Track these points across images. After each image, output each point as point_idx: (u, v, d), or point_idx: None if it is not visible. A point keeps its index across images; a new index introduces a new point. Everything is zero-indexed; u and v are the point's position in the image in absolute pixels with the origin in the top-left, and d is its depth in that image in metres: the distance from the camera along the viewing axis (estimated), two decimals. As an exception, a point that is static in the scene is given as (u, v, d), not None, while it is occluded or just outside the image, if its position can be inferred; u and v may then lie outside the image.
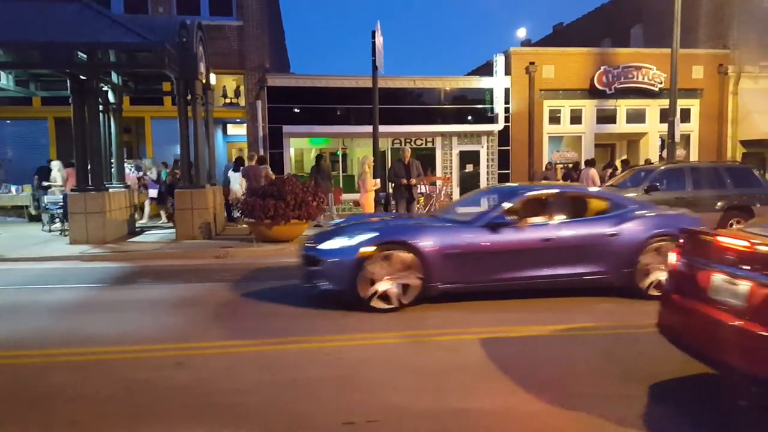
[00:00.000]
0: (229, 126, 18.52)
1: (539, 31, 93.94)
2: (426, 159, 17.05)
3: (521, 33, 28.86)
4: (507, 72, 17.82)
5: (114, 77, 12.48)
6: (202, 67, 12.09)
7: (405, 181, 11.50)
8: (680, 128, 15.38)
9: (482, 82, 18.01)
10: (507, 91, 17.79)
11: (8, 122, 16.27)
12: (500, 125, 17.78)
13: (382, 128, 13.47)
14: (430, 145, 18.10)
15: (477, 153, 18.23)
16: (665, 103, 15.91)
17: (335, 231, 6.63)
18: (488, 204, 7.08)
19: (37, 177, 14.18)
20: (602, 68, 18.00)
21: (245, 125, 16.78)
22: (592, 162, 16.73)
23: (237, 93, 16.75)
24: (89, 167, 10.93)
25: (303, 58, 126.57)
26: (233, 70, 16.36)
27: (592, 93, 18.20)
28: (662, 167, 12.07)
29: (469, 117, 17.92)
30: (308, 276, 6.28)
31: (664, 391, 3.89)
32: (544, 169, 17.53)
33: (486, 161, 18.23)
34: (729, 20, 18.69)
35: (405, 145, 17.13)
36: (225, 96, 16.65)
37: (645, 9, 22.17)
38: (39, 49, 10.11)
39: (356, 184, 13.87)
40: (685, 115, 18.21)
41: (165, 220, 14.40)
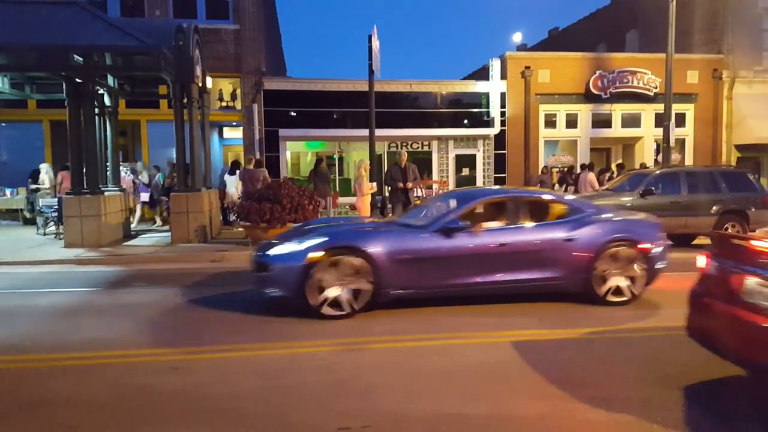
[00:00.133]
0: (226, 129, 18.52)
1: (535, 36, 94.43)
2: (422, 163, 17.07)
3: (517, 37, 29.16)
4: (503, 76, 17.88)
5: (110, 80, 12.47)
6: (199, 71, 12.08)
7: (401, 185, 11.53)
8: (675, 132, 15.45)
9: (478, 86, 18.07)
10: (503, 96, 17.85)
11: (3, 125, 16.22)
12: (496, 129, 17.83)
13: (379, 132, 13.47)
14: (427, 149, 18.13)
15: (473, 157, 18.27)
16: (660, 108, 15.99)
17: (287, 236, 6.47)
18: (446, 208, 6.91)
19: (31, 180, 14.14)
20: (597, 73, 18.08)
21: (241, 128, 16.77)
22: (591, 166, 16.80)
23: (233, 96, 16.75)
24: (84, 170, 10.90)
25: (300, 62, 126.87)
26: (230, 74, 16.36)
27: (588, 97, 18.28)
28: (658, 171, 12.13)
29: (466, 121, 17.97)
30: (258, 282, 6.10)
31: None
32: (540, 173, 17.60)
33: (482, 165, 18.27)
34: (723, 25, 18.81)
35: (401, 149, 17.10)
36: (221, 99, 16.64)
37: (640, 14, 22.30)
38: (35, 52, 10.07)
39: (352, 188, 13.87)
40: (680, 120, 18.30)
41: (160, 224, 14.38)
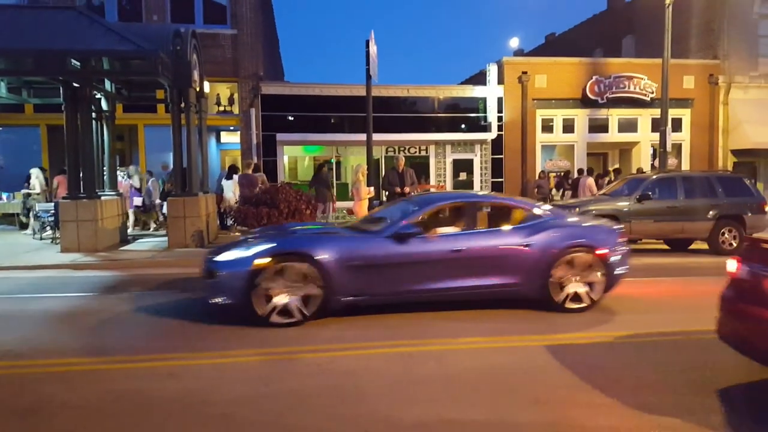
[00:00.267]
0: (223, 134, 18.51)
1: (532, 41, 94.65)
2: (420, 167, 17.11)
3: (514, 43, 29.09)
4: (500, 81, 17.94)
5: (107, 85, 12.46)
6: (196, 75, 12.09)
7: (399, 190, 11.56)
8: (672, 137, 15.50)
9: (475, 91, 18.12)
10: (500, 100, 17.89)
11: (0, 129, 16.18)
12: (493, 134, 17.87)
13: (376, 136, 13.50)
14: (424, 154, 18.14)
15: (470, 161, 18.29)
16: (657, 113, 16.05)
17: (237, 242, 6.34)
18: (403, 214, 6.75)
19: (27, 185, 14.09)
20: (594, 78, 18.14)
21: (239, 133, 16.77)
22: (590, 171, 16.86)
23: (231, 101, 16.75)
24: (81, 175, 10.87)
25: (297, 67, 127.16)
26: (227, 78, 16.38)
27: (585, 102, 18.33)
28: (654, 176, 12.16)
29: (463, 125, 18.01)
30: (207, 289, 5.95)
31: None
32: (537, 178, 17.66)
33: (479, 169, 18.29)
34: (719, 31, 18.91)
35: (399, 154, 17.18)
36: (219, 104, 16.65)
37: (636, 20, 22.42)
38: (32, 57, 10.07)
39: (350, 192, 13.86)
40: (677, 125, 18.37)
41: (155, 228, 14.32)
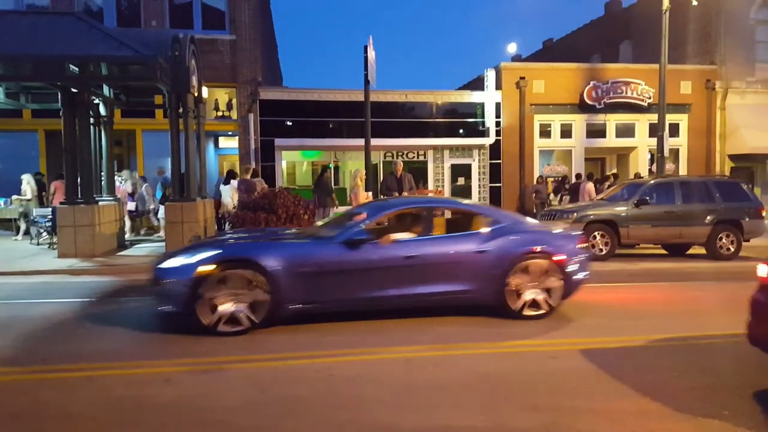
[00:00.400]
0: (221, 139, 18.52)
1: (529, 47, 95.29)
2: (418, 172, 17.12)
3: (512, 48, 29.41)
4: (498, 86, 17.99)
5: (105, 90, 12.46)
6: (195, 81, 12.09)
7: (397, 194, 11.56)
8: (669, 142, 15.57)
9: (473, 97, 18.16)
10: (498, 106, 17.93)
11: (-2, 134, 16.16)
12: (491, 139, 17.90)
13: (374, 141, 13.51)
14: (422, 159, 18.17)
15: (469, 166, 18.32)
16: (654, 118, 16.10)
17: (184, 248, 6.24)
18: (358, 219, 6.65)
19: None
20: (592, 83, 18.20)
21: (237, 138, 16.78)
22: (590, 176, 16.91)
23: (229, 106, 16.77)
24: (79, 180, 10.86)
25: (296, 72, 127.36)
26: (226, 84, 16.40)
27: (582, 107, 18.38)
28: (652, 181, 12.18)
29: (461, 131, 18.04)
30: (153, 296, 5.83)
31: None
32: (535, 183, 17.69)
33: (478, 174, 18.31)
34: (716, 37, 19.01)
35: (397, 159, 17.18)
36: (217, 109, 16.66)
37: (633, 25, 22.53)
38: (31, 62, 10.08)
39: (348, 197, 13.88)
40: (674, 130, 18.44)
41: (147, 232, 14.28)
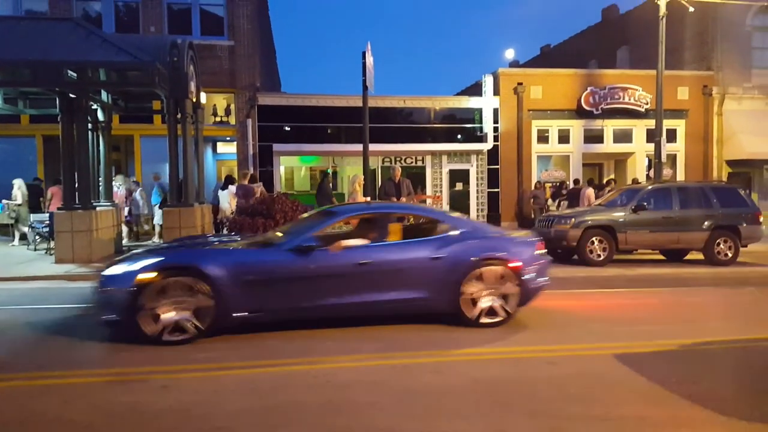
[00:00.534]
0: (219, 144, 18.52)
1: (527, 53, 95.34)
2: (416, 177, 17.12)
3: (509, 54, 29.36)
4: (496, 92, 18.03)
5: (104, 95, 12.46)
6: (193, 86, 12.10)
7: (395, 200, 11.57)
8: (666, 148, 15.60)
9: (471, 102, 18.20)
10: (496, 111, 17.96)
11: (-4, 140, 16.14)
12: (489, 144, 17.92)
13: (373, 147, 13.51)
14: (420, 164, 18.18)
15: (467, 172, 18.33)
16: (651, 123, 16.16)
17: (129, 255, 6.12)
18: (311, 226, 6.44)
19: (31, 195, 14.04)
20: (589, 89, 18.25)
21: (235, 143, 16.78)
22: (590, 181, 16.94)
23: (227, 111, 16.78)
24: (77, 185, 10.84)
25: (294, 77, 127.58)
26: (224, 89, 16.42)
27: (580, 113, 18.42)
28: (650, 187, 12.20)
29: (459, 136, 18.06)
30: (98, 304, 5.69)
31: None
32: (533, 188, 17.71)
33: (476, 180, 18.32)
34: (712, 43, 19.09)
35: (395, 164, 17.21)
36: (215, 114, 16.67)
37: (630, 31, 22.62)
38: (29, 68, 10.07)
39: (346, 203, 13.87)
40: (672, 135, 18.48)
41: (153, 237, 14.25)
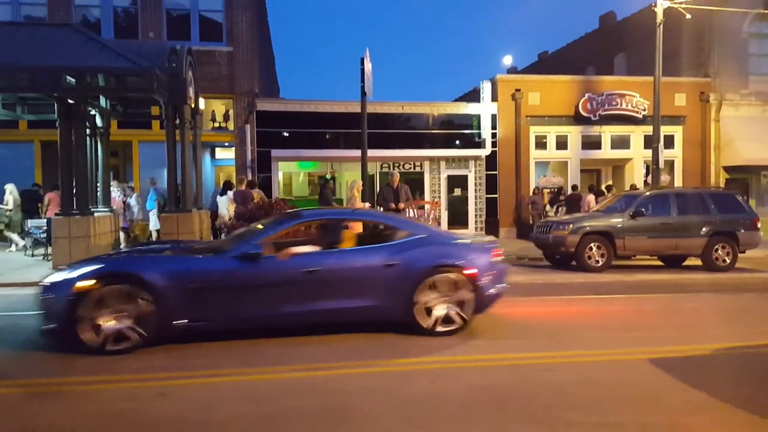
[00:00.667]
0: (218, 150, 18.53)
1: (525, 59, 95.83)
2: (414, 183, 17.14)
3: (507, 61, 29.53)
4: (494, 98, 18.08)
5: (102, 101, 12.46)
6: (191, 92, 12.11)
7: (394, 206, 11.55)
8: (664, 154, 15.65)
9: (469, 108, 18.24)
10: (494, 117, 18.01)
11: (-6, 145, 16.12)
12: (487, 150, 17.96)
13: (371, 152, 13.52)
14: (419, 170, 18.21)
15: (465, 177, 18.37)
16: (649, 130, 16.20)
17: (73, 263, 6.00)
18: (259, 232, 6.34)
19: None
20: (587, 95, 18.30)
21: (234, 149, 16.78)
22: (591, 188, 16.98)
23: (226, 117, 16.80)
24: (75, 191, 10.82)
25: (293, 83, 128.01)
26: (223, 95, 16.44)
27: (577, 119, 18.47)
28: (648, 193, 12.22)
29: (457, 142, 18.10)
30: (40, 313, 5.53)
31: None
32: (532, 194, 17.73)
33: (474, 185, 18.35)
34: (709, 50, 19.18)
35: (394, 170, 17.20)
36: (214, 120, 16.69)
37: (628, 38, 22.72)
38: (27, 73, 10.04)
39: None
40: (669, 142, 18.53)
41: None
